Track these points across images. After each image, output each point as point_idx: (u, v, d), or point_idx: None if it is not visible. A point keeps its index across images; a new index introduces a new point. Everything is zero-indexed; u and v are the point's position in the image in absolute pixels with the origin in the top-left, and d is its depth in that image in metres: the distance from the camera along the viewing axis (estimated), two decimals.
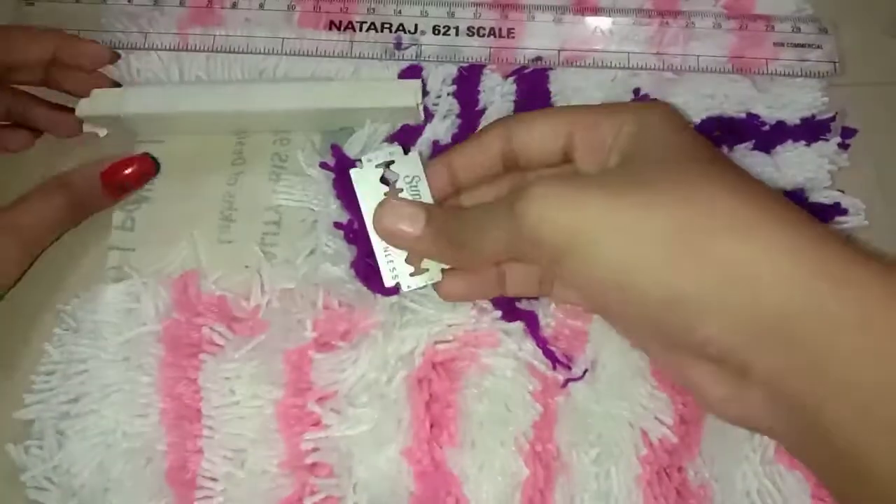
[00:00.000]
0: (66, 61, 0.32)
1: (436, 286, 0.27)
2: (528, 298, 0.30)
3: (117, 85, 0.33)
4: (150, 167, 0.31)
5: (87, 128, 0.32)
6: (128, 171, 0.30)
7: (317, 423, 0.28)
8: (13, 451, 0.28)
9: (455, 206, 0.28)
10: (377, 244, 0.27)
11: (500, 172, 0.27)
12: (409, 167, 0.28)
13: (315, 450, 0.28)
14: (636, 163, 0.23)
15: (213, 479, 0.28)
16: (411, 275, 0.27)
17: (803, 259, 0.19)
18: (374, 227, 0.26)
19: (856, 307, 0.18)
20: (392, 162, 0.28)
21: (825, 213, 0.31)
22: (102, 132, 0.33)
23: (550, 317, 0.30)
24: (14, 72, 0.31)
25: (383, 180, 0.28)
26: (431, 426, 0.28)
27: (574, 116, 0.25)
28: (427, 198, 0.28)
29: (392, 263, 0.27)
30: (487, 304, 0.29)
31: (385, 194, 0.28)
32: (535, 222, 0.22)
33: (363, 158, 0.28)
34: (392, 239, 0.26)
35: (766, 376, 0.19)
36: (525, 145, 0.26)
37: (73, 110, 0.31)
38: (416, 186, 0.28)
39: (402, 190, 0.28)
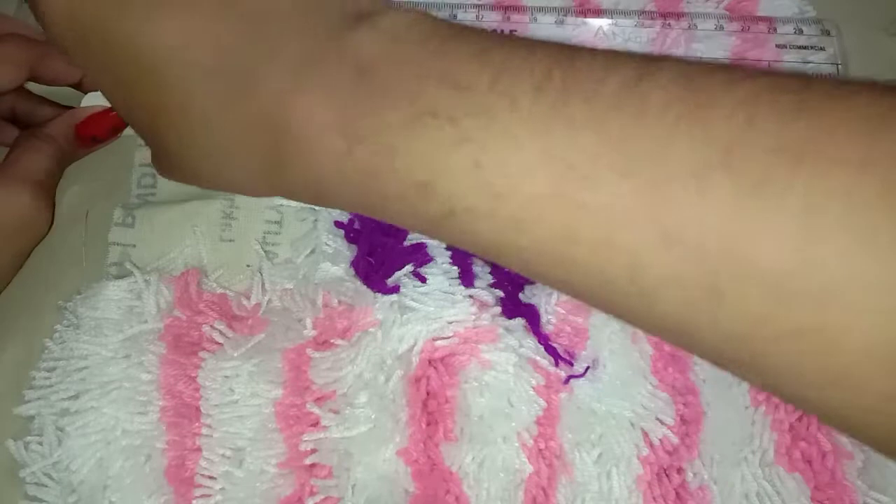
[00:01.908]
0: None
1: None
2: (528, 296, 0.29)
3: None
4: (120, 122, 0.31)
5: None
6: (101, 123, 0.30)
7: (315, 424, 0.28)
8: (13, 447, 0.28)
9: None
10: None
11: None
12: None
13: (314, 451, 0.28)
14: None
15: (212, 478, 0.28)
16: None
17: None
18: None
19: None
20: None
21: None
22: None
23: (552, 314, 0.30)
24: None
25: None
26: (427, 424, 0.28)
27: None
28: None
29: None
30: (488, 300, 0.29)
31: None
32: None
33: None
34: None
35: None
36: None
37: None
38: None
39: None
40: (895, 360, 0.14)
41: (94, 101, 0.31)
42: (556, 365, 0.28)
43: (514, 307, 0.29)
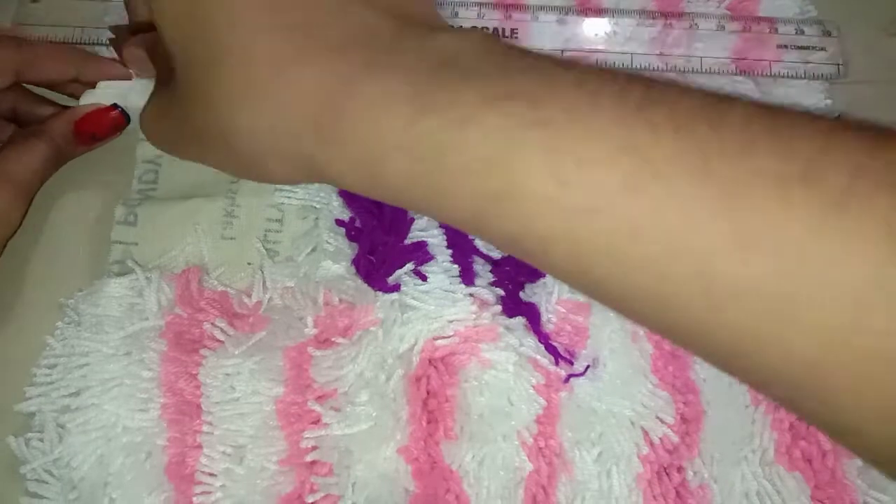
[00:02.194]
0: (86, 80, 0.32)
1: None
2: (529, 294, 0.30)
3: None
4: (121, 120, 0.31)
5: None
6: (101, 121, 0.30)
7: (316, 421, 0.28)
8: (14, 444, 0.28)
9: None
10: None
11: None
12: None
13: (314, 448, 0.28)
14: None
15: (212, 475, 0.28)
16: None
17: None
18: None
19: None
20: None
21: None
22: None
23: (552, 312, 0.30)
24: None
25: None
26: (428, 422, 0.28)
27: None
28: None
29: None
30: (488, 298, 0.29)
31: None
32: None
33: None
34: None
35: None
36: None
37: None
38: None
39: None
40: None
41: (93, 98, 0.31)
42: (557, 364, 0.28)
43: (514, 306, 0.29)
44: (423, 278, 0.29)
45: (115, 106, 0.31)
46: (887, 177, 0.15)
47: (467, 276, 0.30)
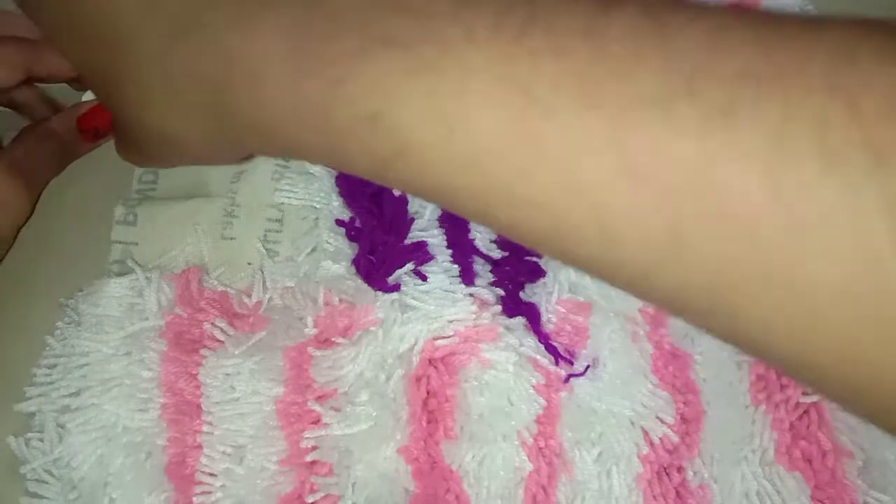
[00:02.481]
0: None
1: None
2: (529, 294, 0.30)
3: None
4: None
5: None
6: (103, 115, 0.31)
7: (316, 421, 0.28)
8: (14, 444, 0.28)
9: None
10: None
11: None
12: None
13: (314, 448, 0.28)
14: None
15: (212, 475, 0.28)
16: None
17: None
18: None
19: None
20: None
21: None
22: None
23: (552, 312, 0.30)
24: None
25: None
26: (428, 422, 0.28)
27: None
28: None
29: None
30: (488, 298, 0.29)
31: None
32: None
33: None
34: None
35: None
36: None
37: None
38: None
39: None
40: (864, 308, 0.14)
41: (93, 95, 0.31)
42: (557, 364, 0.28)
43: (514, 306, 0.29)
44: (423, 278, 0.29)
45: None
46: (775, 82, 0.14)
47: (467, 276, 0.30)
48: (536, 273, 0.30)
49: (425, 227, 0.31)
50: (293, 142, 0.20)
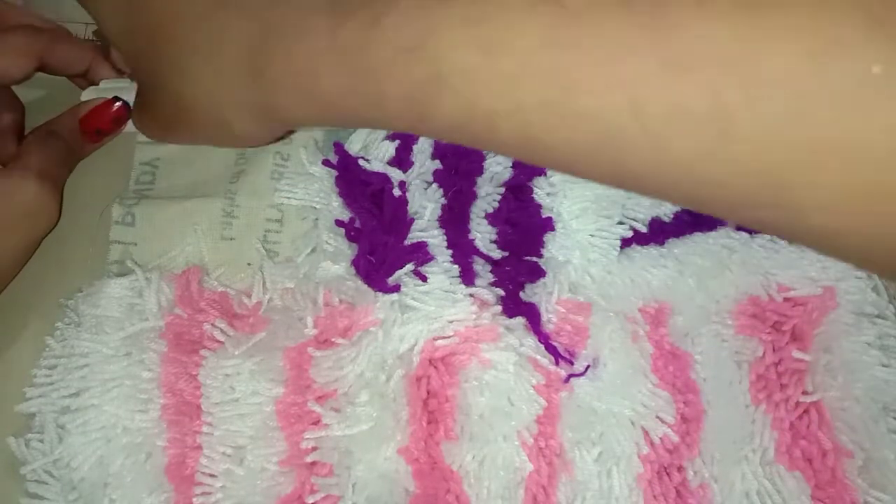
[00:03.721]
0: (95, 74, 0.32)
1: None
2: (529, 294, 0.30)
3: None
4: (123, 112, 0.31)
5: None
6: (104, 114, 0.31)
7: (316, 422, 0.28)
8: (14, 445, 0.28)
9: None
10: None
11: None
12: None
13: (315, 449, 0.28)
14: None
15: (212, 476, 0.28)
16: None
17: None
18: None
19: None
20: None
21: None
22: None
23: (552, 312, 0.30)
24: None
25: None
26: (428, 422, 0.28)
27: None
28: None
29: None
30: (488, 298, 0.29)
31: None
32: None
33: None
34: None
35: None
36: None
37: None
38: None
39: None
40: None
41: (94, 94, 0.31)
42: (557, 364, 0.28)
43: (514, 306, 0.29)
44: (423, 279, 0.29)
45: (116, 98, 0.31)
46: None
47: (467, 277, 0.30)
48: (536, 273, 0.30)
49: (425, 227, 0.30)
50: (326, 89, 0.20)
